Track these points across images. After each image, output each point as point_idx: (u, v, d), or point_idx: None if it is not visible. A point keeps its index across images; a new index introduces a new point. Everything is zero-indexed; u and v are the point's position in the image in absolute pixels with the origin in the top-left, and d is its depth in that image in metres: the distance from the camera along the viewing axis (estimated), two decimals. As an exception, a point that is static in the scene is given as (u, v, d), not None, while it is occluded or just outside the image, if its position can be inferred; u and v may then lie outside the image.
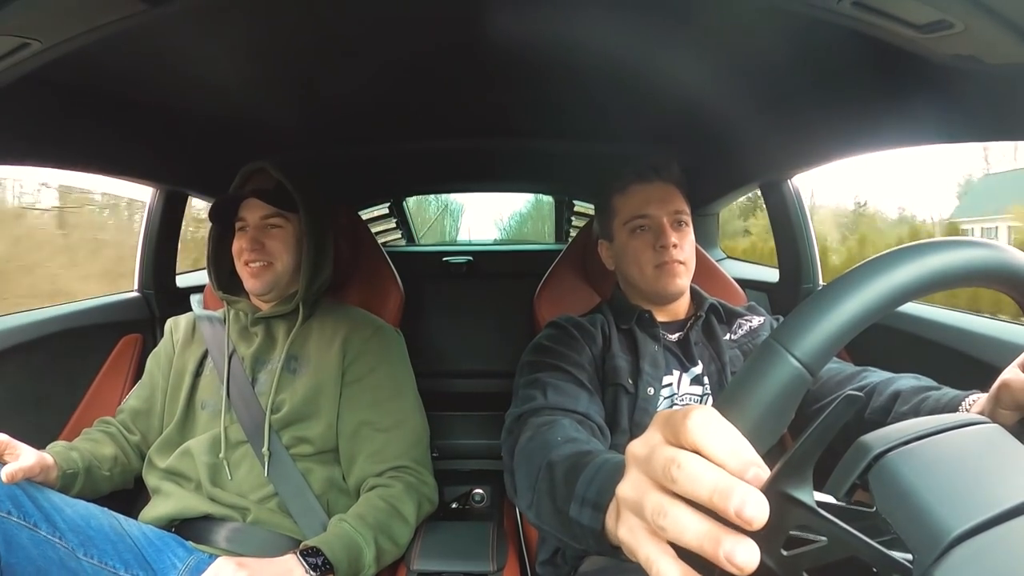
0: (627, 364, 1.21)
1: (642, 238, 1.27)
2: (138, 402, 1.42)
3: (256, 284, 1.36)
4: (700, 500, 0.36)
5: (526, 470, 0.88)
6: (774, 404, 0.39)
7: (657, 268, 1.25)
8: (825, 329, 0.40)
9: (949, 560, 0.36)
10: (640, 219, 1.27)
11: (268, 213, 1.36)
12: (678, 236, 1.25)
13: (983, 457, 0.44)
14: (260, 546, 1.21)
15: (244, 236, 1.36)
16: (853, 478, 0.42)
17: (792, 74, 1.23)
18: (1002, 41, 0.75)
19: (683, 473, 0.38)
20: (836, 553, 0.37)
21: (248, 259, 1.35)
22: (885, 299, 0.41)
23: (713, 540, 0.35)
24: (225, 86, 1.34)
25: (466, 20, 1.06)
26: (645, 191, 1.28)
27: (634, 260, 1.28)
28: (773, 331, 0.42)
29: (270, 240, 1.37)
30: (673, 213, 1.27)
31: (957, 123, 1.00)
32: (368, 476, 1.29)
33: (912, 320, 1.33)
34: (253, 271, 1.36)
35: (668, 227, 1.25)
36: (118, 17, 0.80)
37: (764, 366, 0.40)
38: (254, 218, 1.36)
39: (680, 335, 1.29)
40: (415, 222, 3.58)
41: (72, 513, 1.09)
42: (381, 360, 1.40)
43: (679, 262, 1.25)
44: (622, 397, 1.18)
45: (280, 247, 1.38)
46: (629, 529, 0.43)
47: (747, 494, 0.35)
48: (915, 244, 0.43)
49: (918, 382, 0.96)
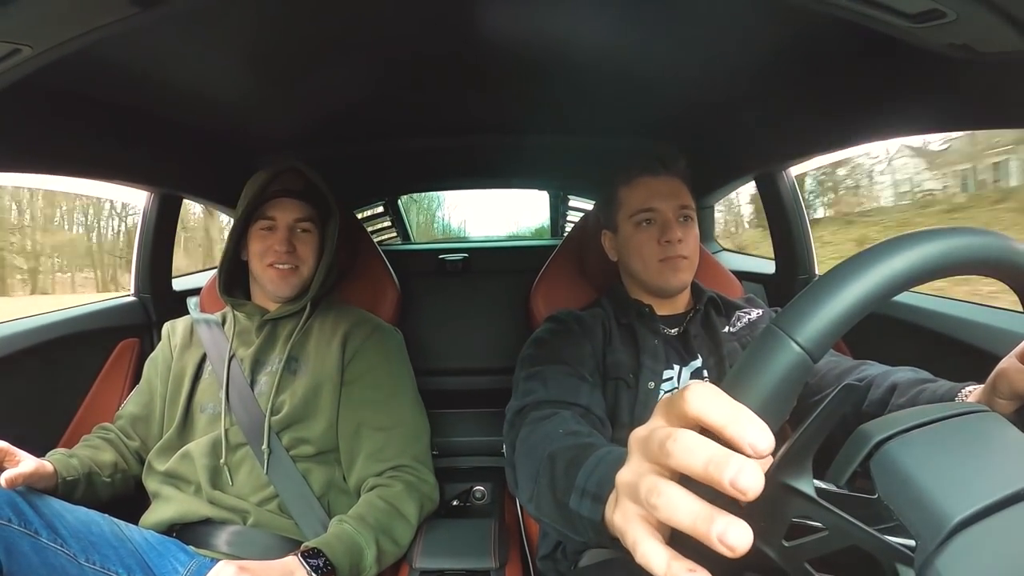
0: (627, 358, 1.21)
1: (647, 231, 1.27)
2: (137, 408, 1.41)
3: (283, 287, 1.36)
4: (695, 472, 0.36)
5: (527, 463, 0.88)
6: (776, 389, 0.39)
7: (661, 262, 1.25)
8: (827, 315, 0.40)
9: (952, 546, 0.36)
10: (646, 212, 1.27)
11: (302, 216, 1.36)
12: (683, 231, 1.25)
13: (983, 444, 0.44)
14: (261, 549, 1.21)
15: (273, 236, 1.35)
16: (854, 466, 0.43)
17: (786, 65, 1.23)
18: (995, 30, 0.75)
19: (678, 445, 0.37)
20: (837, 543, 0.37)
21: (277, 260, 1.35)
22: (886, 286, 0.41)
23: (705, 519, 0.35)
24: (218, 88, 1.34)
25: (459, 16, 1.06)
26: (652, 184, 1.28)
27: (638, 253, 1.28)
28: (775, 317, 0.42)
29: (300, 243, 1.37)
30: (679, 208, 1.27)
31: (951, 112, 1.01)
32: (368, 476, 1.29)
33: (910, 309, 1.33)
34: (282, 273, 1.35)
35: (674, 221, 1.25)
36: (110, 20, 0.80)
37: (766, 351, 0.40)
38: (287, 219, 1.36)
39: (679, 329, 1.29)
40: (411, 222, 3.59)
41: (73, 519, 1.08)
42: (380, 359, 1.40)
43: (683, 257, 1.25)
44: (623, 391, 1.18)
45: (308, 251, 1.39)
46: (623, 514, 0.43)
47: (742, 464, 0.34)
48: (916, 232, 0.43)
49: (915, 374, 0.96)
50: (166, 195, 1.77)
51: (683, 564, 0.37)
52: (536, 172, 2.45)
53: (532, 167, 2.30)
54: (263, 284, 1.39)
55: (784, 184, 1.73)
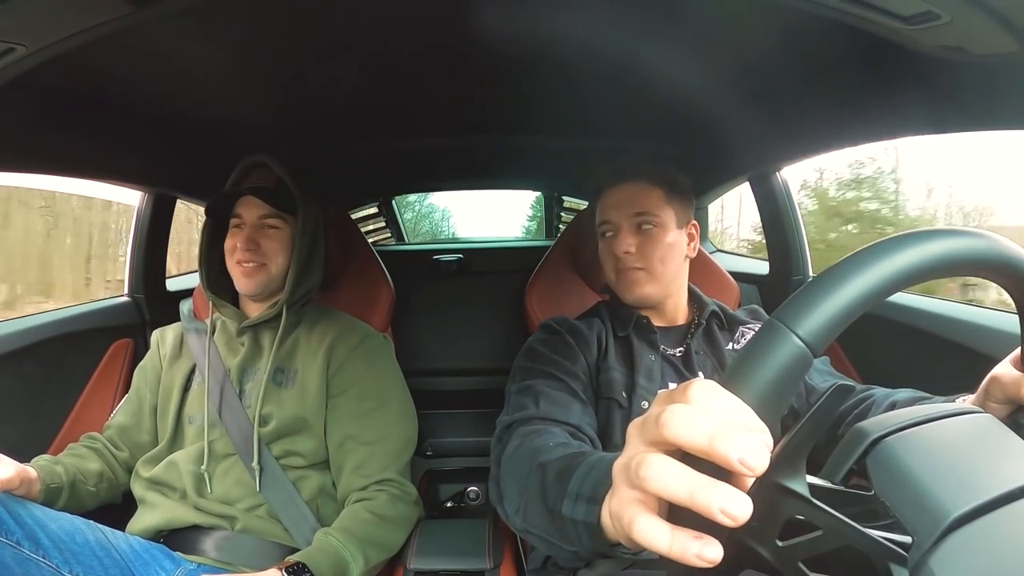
0: (622, 377, 1.17)
1: (607, 243, 1.25)
2: (125, 418, 1.39)
3: (248, 284, 1.33)
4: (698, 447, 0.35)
5: (514, 476, 0.87)
6: (776, 383, 0.39)
7: (618, 275, 1.24)
8: (828, 309, 0.40)
9: (948, 543, 0.37)
10: (604, 224, 1.26)
11: (266, 213, 1.34)
12: (639, 240, 1.21)
13: (979, 443, 0.45)
14: (249, 554, 1.20)
15: (239, 234, 1.33)
16: (851, 463, 0.43)
17: (780, 66, 1.23)
18: (988, 31, 0.75)
19: (674, 418, 0.37)
20: (831, 542, 0.37)
21: (241, 258, 1.32)
22: (887, 282, 0.42)
23: (705, 488, 0.34)
24: (212, 88, 1.33)
25: (453, 17, 1.06)
26: (610, 195, 1.26)
27: (604, 265, 1.28)
28: (775, 311, 0.42)
29: (266, 240, 1.34)
30: (633, 216, 1.22)
31: (944, 114, 1.01)
32: (352, 490, 1.28)
33: (905, 310, 1.34)
34: (246, 271, 1.33)
35: (626, 231, 1.22)
36: (104, 20, 0.80)
37: (767, 344, 0.40)
38: (251, 217, 1.34)
39: (681, 349, 1.25)
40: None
41: (56, 528, 1.06)
42: (366, 370, 1.37)
43: (637, 268, 1.21)
44: (615, 411, 1.14)
45: (276, 248, 1.35)
46: (619, 500, 0.42)
47: (748, 440, 0.34)
48: (918, 231, 0.44)
49: (915, 394, 0.98)
50: (160, 195, 1.77)
51: (686, 534, 0.36)
52: (530, 173, 2.45)
53: (526, 168, 2.30)
54: (235, 282, 1.37)
55: (777, 185, 1.74)
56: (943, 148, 5.79)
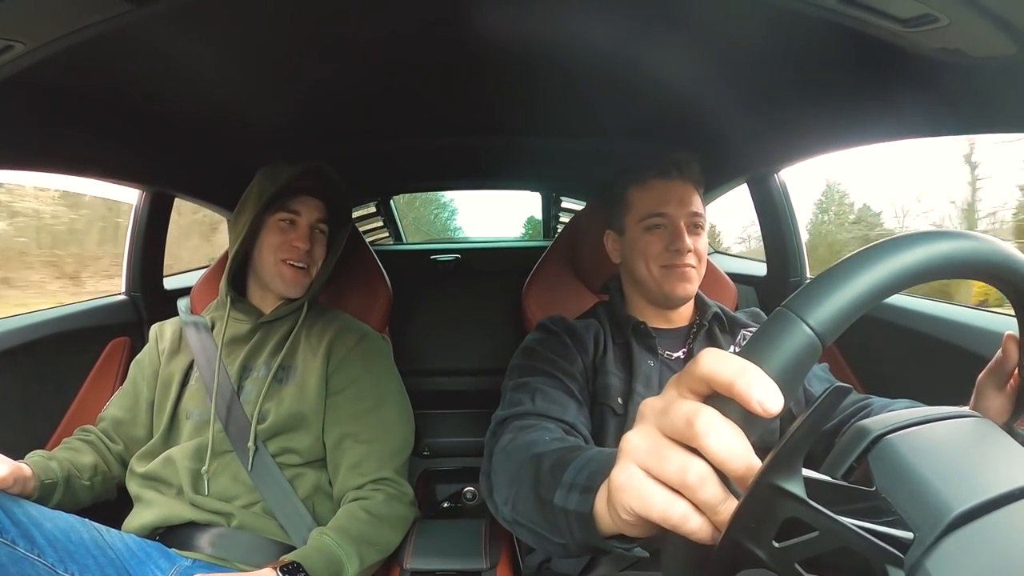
0: (619, 382, 1.16)
1: (656, 236, 1.22)
2: (120, 411, 1.39)
3: (293, 287, 1.36)
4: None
5: (506, 467, 0.87)
6: (785, 370, 0.39)
7: (666, 268, 1.21)
8: (839, 300, 0.41)
9: (949, 542, 0.37)
10: (657, 217, 1.23)
11: (323, 217, 1.36)
12: (693, 240, 1.21)
13: (979, 444, 0.45)
14: (246, 551, 1.20)
15: (294, 232, 1.34)
16: (852, 459, 0.43)
17: (778, 69, 1.23)
18: (987, 34, 0.75)
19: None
20: (828, 544, 0.37)
21: (294, 258, 1.34)
22: (896, 278, 0.42)
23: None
24: (211, 86, 1.33)
25: (454, 17, 1.05)
26: (664, 188, 1.24)
27: (643, 257, 1.23)
28: (785, 300, 0.43)
29: (316, 245, 1.37)
30: (691, 215, 1.22)
31: (942, 116, 1.01)
32: (348, 489, 1.28)
33: (902, 312, 1.34)
34: (296, 272, 1.34)
35: (684, 229, 1.21)
36: (103, 18, 0.80)
37: (777, 331, 0.41)
38: (311, 218, 1.35)
39: (683, 352, 1.24)
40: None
41: (51, 527, 1.06)
42: (364, 370, 1.38)
43: (691, 266, 1.21)
44: (609, 418, 1.13)
45: (321, 254, 1.39)
46: (628, 475, 0.43)
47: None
48: (928, 231, 0.45)
49: (913, 404, 0.97)
50: (157, 193, 1.77)
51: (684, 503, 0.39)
52: (529, 173, 2.44)
53: (525, 168, 2.29)
54: (270, 279, 1.37)
55: (775, 187, 1.74)
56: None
